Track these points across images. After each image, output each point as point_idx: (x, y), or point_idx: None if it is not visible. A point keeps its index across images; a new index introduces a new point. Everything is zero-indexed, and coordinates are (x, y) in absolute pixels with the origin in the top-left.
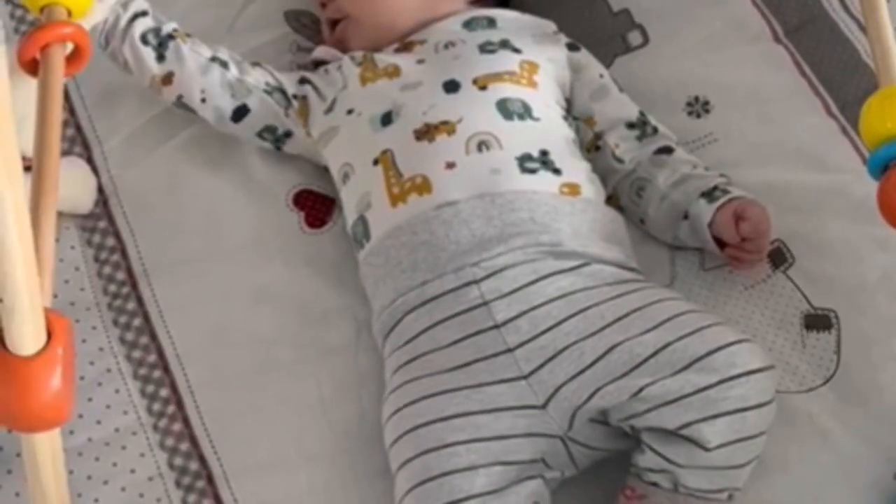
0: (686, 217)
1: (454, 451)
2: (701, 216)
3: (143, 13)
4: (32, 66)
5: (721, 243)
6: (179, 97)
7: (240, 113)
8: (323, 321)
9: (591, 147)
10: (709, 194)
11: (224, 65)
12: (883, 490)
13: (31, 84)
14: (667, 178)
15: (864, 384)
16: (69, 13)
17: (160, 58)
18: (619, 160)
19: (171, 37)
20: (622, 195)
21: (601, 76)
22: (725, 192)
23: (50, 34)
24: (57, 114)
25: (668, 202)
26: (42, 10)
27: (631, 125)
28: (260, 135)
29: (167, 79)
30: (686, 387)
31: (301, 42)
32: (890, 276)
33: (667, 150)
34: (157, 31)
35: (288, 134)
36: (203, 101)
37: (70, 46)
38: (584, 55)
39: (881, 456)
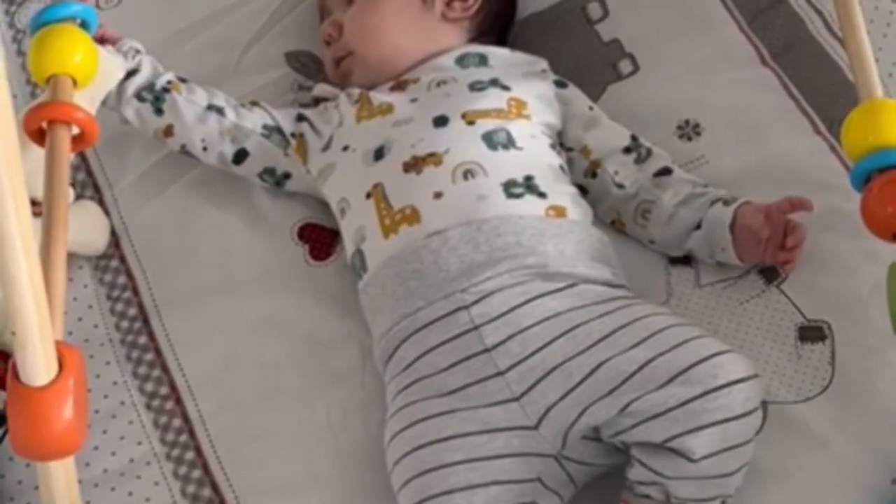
0: (698, 227)
1: (452, 471)
2: (721, 218)
3: (134, 71)
4: (39, 135)
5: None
6: (182, 146)
7: (240, 156)
8: (329, 348)
9: (588, 174)
10: (720, 201)
11: (220, 111)
12: (882, 496)
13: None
14: (671, 198)
15: (860, 392)
16: (74, 82)
17: (158, 111)
18: (620, 185)
19: (165, 90)
20: (627, 219)
21: (591, 108)
22: (735, 198)
23: (55, 112)
24: (64, 178)
25: (676, 221)
26: (48, 80)
27: (626, 150)
28: (260, 176)
29: (168, 131)
30: (670, 400)
31: (301, 81)
32: (882, 287)
33: (666, 171)
34: (151, 86)
35: (287, 175)
36: (205, 149)
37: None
38: (571, 91)
39: (880, 462)
